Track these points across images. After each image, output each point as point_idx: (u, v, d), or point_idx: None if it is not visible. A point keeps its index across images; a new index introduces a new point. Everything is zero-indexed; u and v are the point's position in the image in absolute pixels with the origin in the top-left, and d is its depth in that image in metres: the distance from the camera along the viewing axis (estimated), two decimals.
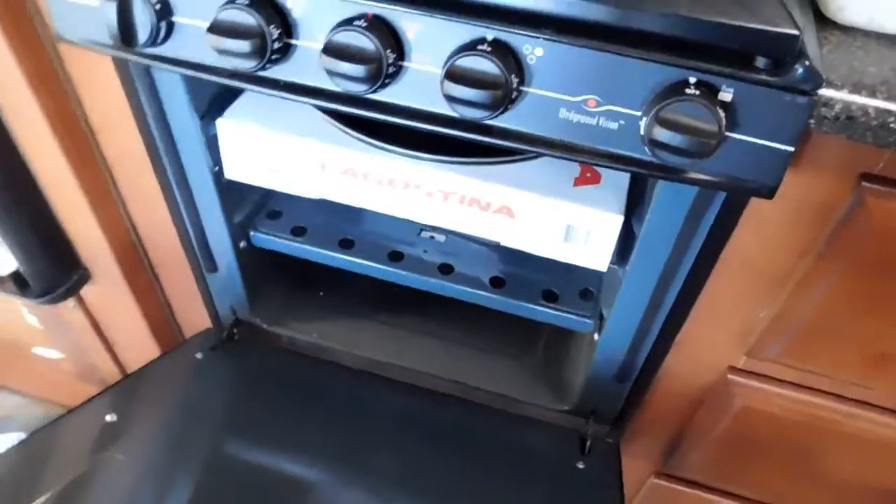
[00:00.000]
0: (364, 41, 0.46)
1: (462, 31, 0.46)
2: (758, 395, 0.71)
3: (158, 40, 0.51)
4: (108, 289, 0.85)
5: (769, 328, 0.64)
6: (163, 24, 0.51)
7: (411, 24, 0.47)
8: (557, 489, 0.79)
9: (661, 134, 0.43)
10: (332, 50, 0.46)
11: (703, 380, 0.73)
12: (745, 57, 0.44)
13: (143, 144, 0.69)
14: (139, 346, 0.95)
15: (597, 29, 0.44)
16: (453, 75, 0.45)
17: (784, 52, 0.43)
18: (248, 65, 0.49)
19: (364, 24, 0.46)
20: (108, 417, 0.77)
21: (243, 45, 0.47)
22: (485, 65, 0.44)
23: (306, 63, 0.50)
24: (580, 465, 0.80)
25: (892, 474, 0.75)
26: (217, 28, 0.48)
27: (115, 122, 0.69)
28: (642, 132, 0.45)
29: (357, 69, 0.46)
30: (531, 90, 0.47)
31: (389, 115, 0.50)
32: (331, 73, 0.47)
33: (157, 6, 0.50)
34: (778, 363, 0.68)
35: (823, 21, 0.50)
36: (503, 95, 0.45)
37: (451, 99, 0.46)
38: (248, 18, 0.47)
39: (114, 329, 0.94)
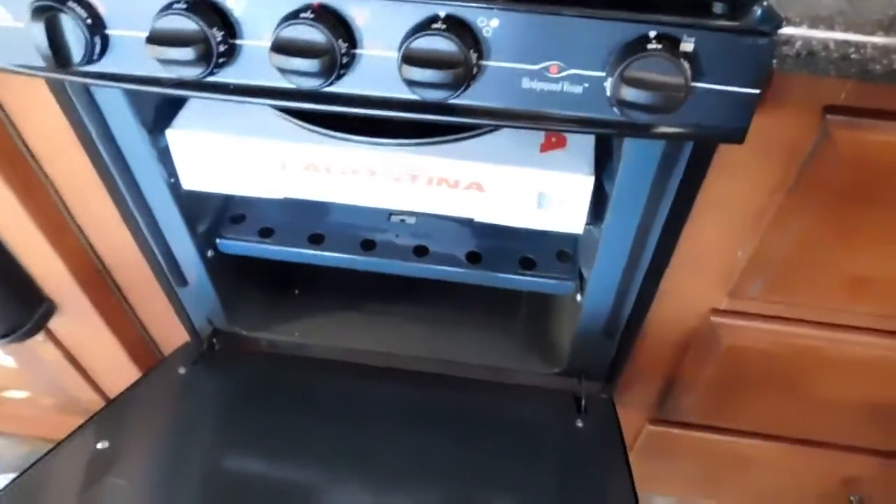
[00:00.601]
0: (314, 33, 0.44)
1: (413, 10, 0.44)
2: (743, 333, 0.73)
3: (94, 57, 0.49)
4: (76, 318, 0.82)
5: (748, 267, 0.65)
6: (97, 40, 0.48)
7: (360, 9, 0.45)
8: (562, 451, 0.79)
9: (629, 93, 0.43)
10: (281, 47, 0.44)
11: (689, 325, 0.74)
12: (703, 4, 0.43)
13: (91, 166, 0.66)
14: (118, 371, 0.92)
15: None
16: (410, 58, 0.43)
17: None
18: (193, 72, 0.46)
19: (311, 16, 0.44)
20: (100, 445, 0.75)
21: (187, 53, 0.45)
22: (442, 43, 0.43)
23: (255, 62, 0.48)
24: (579, 424, 0.81)
25: (877, 390, 0.78)
26: (156, 38, 0.45)
27: (58, 146, 0.66)
28: (608, 93, 0.44)
29: (310, 64, 0.44)
30: (491, 63, 0.46)
31: (347, 107, 0.49)
32: (282, 70, 0.45)
33: (88, 20, 0.47)
34: (760, 300, 0.69)
35: None
36: (464, 73, 0.44)
37: (410, 83, 0.44)
38: (189, 24, 0.45)
39: (89, 357, 0.92)
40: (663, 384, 0.85)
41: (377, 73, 0.47)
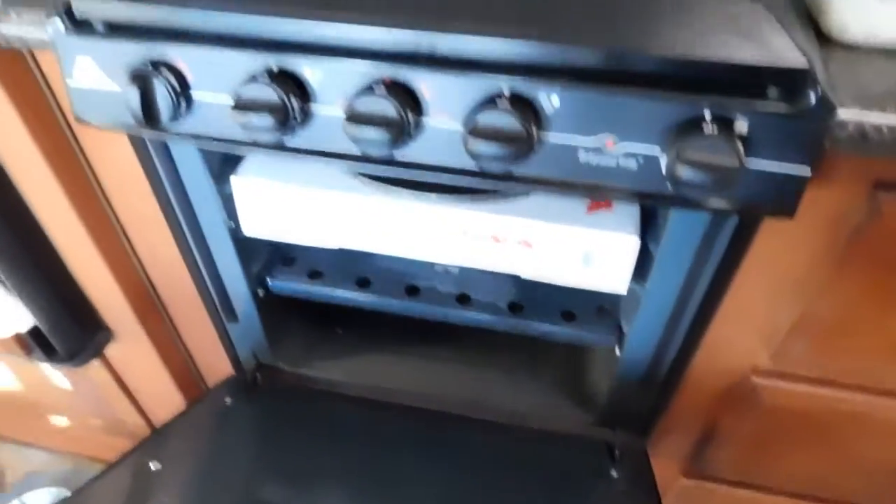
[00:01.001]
0: (385, 106, 0.47)
1: (479, 86, 0.47)
2: (784, 393, 0.73)
3: (179, 117, 0.52)
4: (130, 346, 0.86)
5: (792, 329, 0.66)
6: (182, 101, 0.52)
7: (427, 83, 0.48)
8: (593, 501, 0.80)
9: (684, 172, 0.45)
10: (354, 118, 0.47)
11: (729, 381, 0.75)
12: (758, 88, 0.45)
13: (157, 206, 0.69)
14: (163, 397, 0.95)
15: (609, 74, 0.46)
16: (476, 132, 0.46)
17: (795, 83, 0.44)
18: (270, 137, 0.50)
19: (383, 90, 0.47)
20: (153, 466, 0.78)
21: (266, 120, 0.48)
22: (506, 121, 0.46)
23: (327, 127, 0.51)
24: (613, 474, 0.82)
25: None
26: (241, 105, 0.48)
27: (128, 186, 0.69)
28: (664, 171, 0.46)
29: (380, 134, 0.47)
30: (550, 136, 0.48)
31: (412, 171, 0.51)
32: (355, 139, 0.48)
33: (178, 86, 0.51)
34: (803, 362, 0.69)
35: (825, 38, 0.51)
36: (525, 148, 0.46)
37: (474, 155, 0.47)
38: (271, 94, 0.48)
39: (138, 383, 0.95)
40: (699, 438, 0.85)
41: (442, 141, 0.49)
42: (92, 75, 0.53)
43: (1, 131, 0.61)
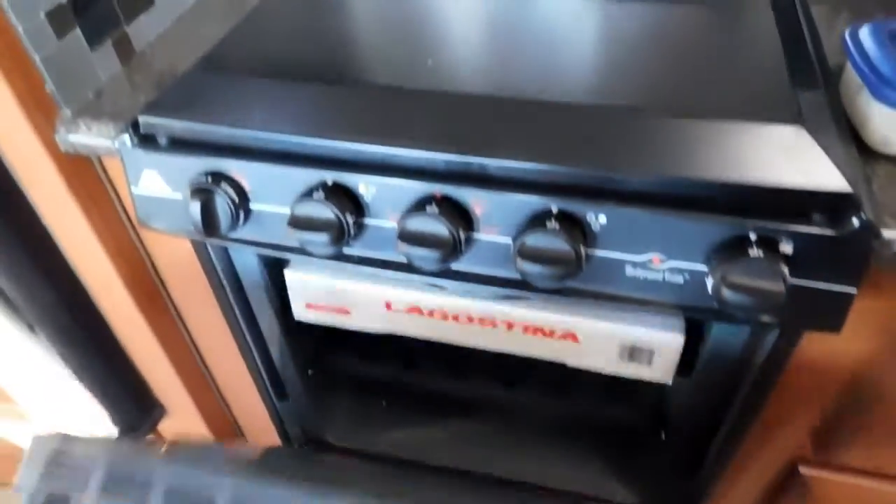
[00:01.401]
0: (437, 226, 0.49)
1: (528, 205, 0.49)
2: (830, 484, 0.72)
3: (238, 226, 0.55)
4: (182, 421, 0.88)
5: (839, 423, 0.65)
6: (241, 213, 0.54)
7: (479, 201, 0.49)
8: None
9: (730, 295, 0.45)
10: (407, 237, 0.49)
11: (776, 471, 0.74)
12: (802, 212, 0.46)
13: (212, 293, 0.72)
14: None
15: (656, 196, 0.47)
16: (525, 254, 0.47)
17: (838, 207, 0.45)
18: (326, 251, 0.52)
19: (436, 210, 0.49)
20: None
21: (322, 237, 0.50)
22: (556, 243, 0.47)
23: (380, 239, 0.53)
24: None
25: None
26: (297, 223, 0.51)
27: (184, 275, 0.72)
28: (710, 291, 0.47)
29: (432, 253, 0.49)
30: (597, 252, 0.49)
31: (461, 282, 0.53)
32: (408, 256, 0.50)
33: (236, 198, 0.53)
34: (852, 453, 0.68)
35: (867, 151, 0.52)
36: (574, 268, 0.47)
37: (524, 274, 0.48)
38: (327, 212, 0.50)
39: None
40: None
41: (491, 255, 0.51)
42: (155, 185, 0.57)
43: (67, 228, 0.65)
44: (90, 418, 0.80)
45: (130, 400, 0.81)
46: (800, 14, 0.62)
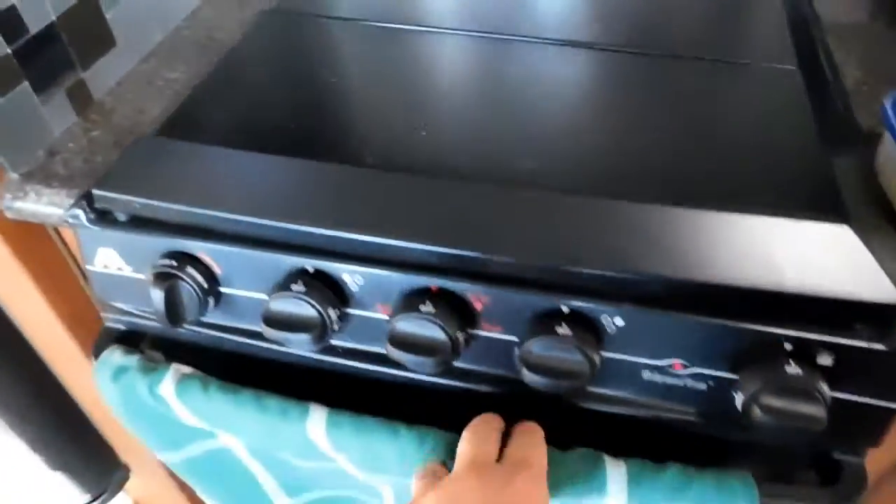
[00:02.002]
0: (433, 330, 0.43)
1: (537, 303, 0.43)
2: None
3: (206, 312, 0.49)
4: (148, 480, 0.82)
5: None
6: (210, 298, 0.48)
7: (479, 296, 0.44)
8: None
9: (764, 418, 0.40)
10: (398, 342, 0.43)
11: None
12: (844, 321, 0.41)
13: None
14: None
15: (678, 298, 0.42)
16: (532, 366, 0.42)
17: (885, 318, 0.40)
18: (306, 349, 0.46)
19: (431, 309, 0.43)
20: None
21: (303, 338, 0.44)
22: (568, 352, 0.41)
23: (366, 330, 0.47)
24: None
25: None
26: (272, 321, 0.45)
27: None
28: (739, 406, 0.42)
29: (428, 359, 0.43)
30: (612, 355, 0.44)
31: (460, 382, 0.48)
32: (400, 361, 0.44)
33: (206, 283, 0.47)
34: None
35: None
36: (588, 378, 0.42)
37: (533, 384, 0.43)
38: (306, 307, 0.44)
39: None
40: None
41: (495, 353, 0.45)
42: (113, 262, 0.50)
43: (17, 297, 0.58)
44: (56, 489, 0.74)
45: (95, 465, 0.75)
46: (827, 73, 0.56)
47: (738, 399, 0.42)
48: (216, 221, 0.46)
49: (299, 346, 0.45)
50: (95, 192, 0.47)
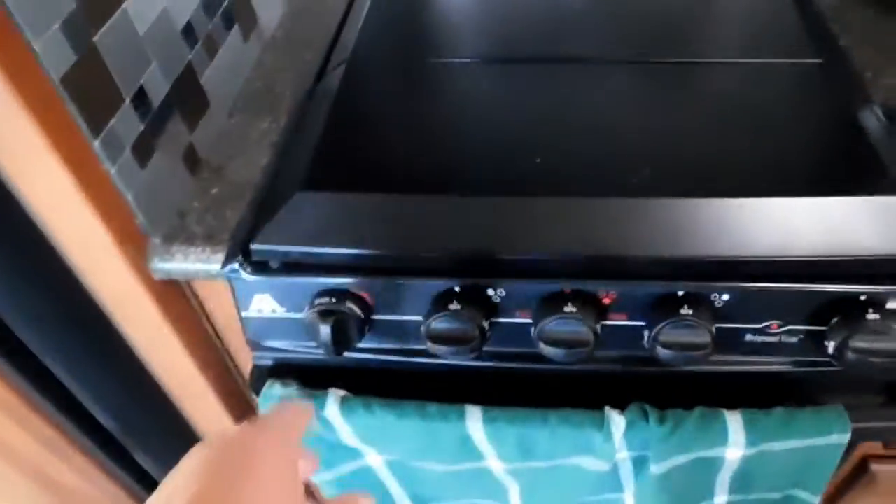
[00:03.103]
0: (576, 326, 0.51)
1: (658, 290, 0.52)
2: None
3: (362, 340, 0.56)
4: None
5: None
6: (366, 327, 0.55)
7: (609, 291, 0.52)
8: None
9: (854, 358, 0.50)
10: (547, 340, 0.51)
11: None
12: None
13: None
14: None
15: (775, 273, 0.51)
16: (665, 345, 0.51)
17: None
18: (465, 359, 0.53)
19: (572, 308, 0.51)
20: None
21: (462, 349, 0.52)
22: (693, 329, 0.50)
23: (512, 335, 0.55)
24: None
25: None
26: (435, 337, 0.52)
27: None
28: (831, 351, 0.51)
29: (572, 353, 0.51)
30: (718, 325, 0.53)
31: (596, 364, 0.56)
32: (548, 356, 0.52)
33: (362, 315, 0.54)
34: None
35: None
36: (710, 349, 0.51)
37: (665, 359, 0.51)
38: (463, 323, 0.51)
39: None
40: None
41: (625, 339, 0.54)
42: (267, 306, 0.57)
43: (162, 353, 0.64)
44: None
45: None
46: (843, 61, 0.66)
47: (830, 346, 0.51)
48: (367, 259, 0.53)
49: (460, 357, 0.53)
50: (254, 246, 0.54)
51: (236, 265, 0.54)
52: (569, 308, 0.51)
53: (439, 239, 0.53)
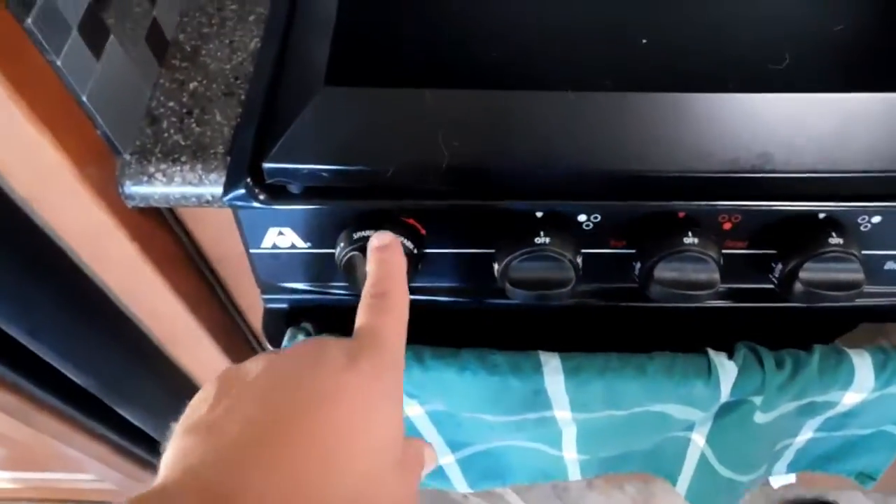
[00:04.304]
0: (698, 261, 0.40)
1: (794, 215, 0.41)
2: None
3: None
4: None
5: None
6: (420, 264, 0.43)
7: (729, 215, 0.41)
8: None
9: None
10: (665, 282, 0.40)
11: None
12: None
13: None
14: None
15: None
16: (806, 282, 0.40)
17: None
18: (558, 302, 0.42)
19: (693, 240, 0.40)
20: None
21: (552, 295, 0.40)
22: (842, 263, 0.40)
23: (606, 266, 0.44)
24: None
25: None
26: (518, 283, 0.40)
27: None
28: None
29: (697, 294, 0.40)
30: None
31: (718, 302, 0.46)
32: (664, 297, 0.41)
33: (414, 247, 0.42)
34: None
35: None
36: (861, 283, 0.41)
37: (802, 297, 0.41)
38: (557, 262, 0.40)
39: None
40: None
41: (748, 269, 0.43)
42: (286, 242, 0.44)
43: (143, 296, 0.50)
44: None
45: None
46: None
47: None
48: (421, 175, 0.40)
49: (547, 302, 0.41)
50: (269, 165, 0.39)
51: (243, 190, 0.41)
52: (689, 239, 0.40)
53: (515, 149, 0.39)
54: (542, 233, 0.40)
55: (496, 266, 0.41)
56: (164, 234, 0.49)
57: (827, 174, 0.39)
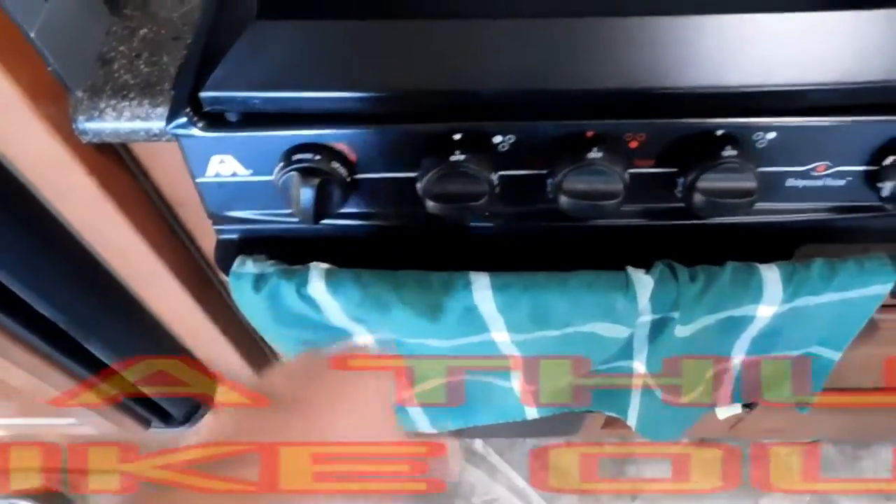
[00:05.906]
0: (605, 176, 0.43)
1: (691, 130, 0.44)
2: None
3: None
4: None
5: None
6: (349, 191, 0.46)
7: (635, 134, 0.44)
8: None
9: None
10: (573, 194, 0.44)
11: None
12: None
13: None
14: None
15: (826, 107, 0.44)
16: (703, 191, 0.44)
17: None
18: (468, 220, 0.45)
19: (599, 154, 0.43)
20: None
21: (469, 208, 0.44)
22: (734, 178, 0.43)
23: (527, 189, 0.47)
24: None
25: None
26: (436, 197, 0.44)
27: None
28: (888, 193, 0.45)
29: (601, 203, 0.44)
30: (760, 169, 0.46)
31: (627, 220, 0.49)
32: (573, 211, 0.44)
33: (347, 175, 0.45)
34: None
35: None
36: (755, 195, 0.44)
37: (701, 209, 0.45)
38: (472, 179, 0.43)
39: None
40: None
41: (654, 187, 0.47)
42: (227, 169, 0.47)
43: (104, 233, 0.54)
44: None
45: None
46: None
47: (887, 187, 0.45)
48: (349, 103, 0.43)
49: (464, 218, 0.45)
50: (205, 94, 0.43)
51: (184, 119, 0.44)
52: (594, 154, 0.43)
53: (436, 74, 0.43)
54: (457, 151, 0.43)
55: (418, 186, 0.44)
56: (122, 173, 0.53)
57: (723, 90, 0.42)
